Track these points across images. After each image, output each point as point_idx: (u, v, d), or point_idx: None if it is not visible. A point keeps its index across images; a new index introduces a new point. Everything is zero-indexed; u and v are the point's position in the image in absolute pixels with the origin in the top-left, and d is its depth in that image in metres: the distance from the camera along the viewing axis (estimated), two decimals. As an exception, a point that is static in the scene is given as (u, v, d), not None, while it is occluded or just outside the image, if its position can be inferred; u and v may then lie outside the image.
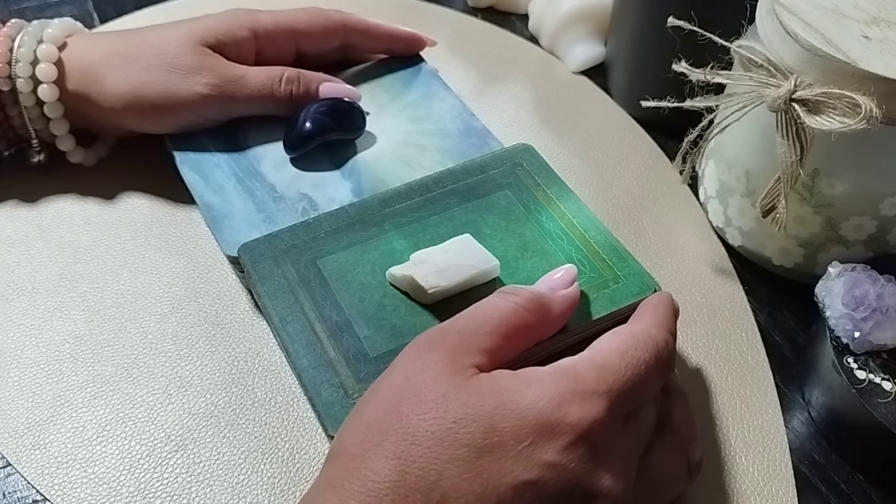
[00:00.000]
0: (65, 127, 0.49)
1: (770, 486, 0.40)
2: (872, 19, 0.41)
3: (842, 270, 0.42)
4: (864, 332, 0.40)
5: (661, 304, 0.39)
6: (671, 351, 0.36)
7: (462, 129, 0.51)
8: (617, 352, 0.34)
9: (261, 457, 0.40)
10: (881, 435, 0.38)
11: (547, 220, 0.44)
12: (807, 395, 0.44)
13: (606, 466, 0.32)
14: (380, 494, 0.30)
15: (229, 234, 0.45)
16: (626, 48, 0.57)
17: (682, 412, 0.38)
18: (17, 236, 0.49)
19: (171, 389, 0.43)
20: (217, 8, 0.52)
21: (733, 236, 0.49)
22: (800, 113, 0.39)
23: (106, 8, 0.65)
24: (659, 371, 0.35)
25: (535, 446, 0.31)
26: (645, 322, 0.37)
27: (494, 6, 0.67)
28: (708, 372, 0.44)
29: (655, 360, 0.35)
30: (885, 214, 0.44)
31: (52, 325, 0.45)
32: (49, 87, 0.47)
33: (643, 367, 0.34)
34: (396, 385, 0.32)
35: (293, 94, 0.50)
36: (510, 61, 0.62)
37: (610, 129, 0.57)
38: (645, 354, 0.34)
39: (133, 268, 0.48)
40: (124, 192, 0.51)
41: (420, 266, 0.40)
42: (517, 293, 0.36)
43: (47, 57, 0.47)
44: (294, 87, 0.50)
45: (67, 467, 0.40)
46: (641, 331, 0.36)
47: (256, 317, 0.46)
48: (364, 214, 0.44)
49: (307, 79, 0.50)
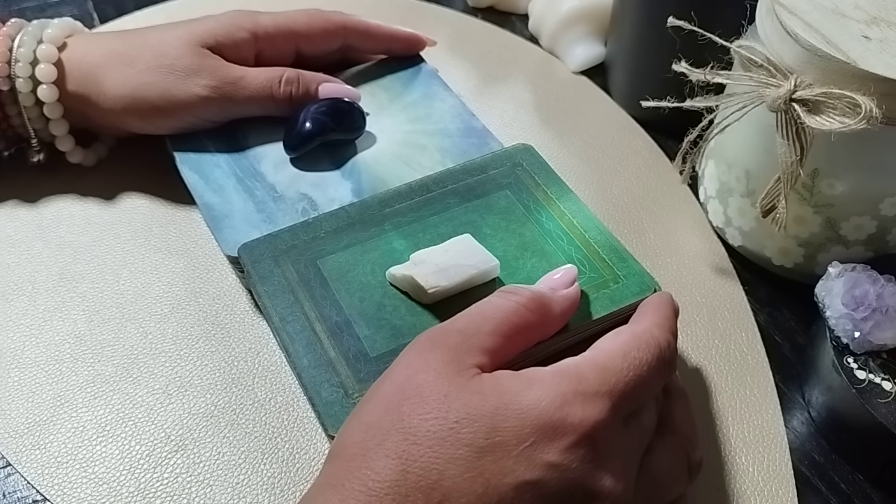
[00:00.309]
0: (64, 127, 0.49)
1: (770, 486, 0.40)
2: (872, 19, 0.41)
3: (842, 270, 0.42)
4: (864, 332, 0.40)
5: (662, 305, 0.39)
6: (673, 351, 0.36)
7: (462, 129, 0.51)
8: (619, 352, 0.34)
9: (261, 457, 0.40)
10: (881, 435, 0.38)
11: (547, 220, 0.44)
12: (807, 395, 0.44)
13: (607, 467, 0.32)
14: (380, 494, 0.30)
15: (229, 234, 0.45)
16: (626, 48, 0.57)
17: (682, 412, 0.38)
18: (17, 236, 0.49)
19: (171, 389, 0.43)
20: (217, 8, 0.52)
21: (733, 236, 0.49)
22: (800, 113, 0.39)
23: (106, 8, 0.65)
24: (661, 372, 0.35)
25: (536, 446, 0.31)
26: (647, 322, 0.37)
27: (494, 6, 0.67)
28: (708, 372, 0.44)
29: (657, 361, 0.35)
30: (885, 214, 0.44)
31: (52, 325, 0.45)
32: (48, 88, 0.47)
33: (645, 368, 0.34)
34: (398, 384, 0.32)
35: (293, 95, 0.50)
36: (510, 61, 0.62)
37: (610, 129, 0.57)
38: (647, 355, 0.34)
39: (133, 268, 0.48)
40: (124, 192, 0.51)
41: (420, 266, 0.40)
42: (518, 292, 0.36)
43: (47, 57, 0.47)
44: (293, 88, 0.50)
45: (67, 467, 0.40)
46: (643, 331, 0.36)
47: (256, 317, 0.46)
48: (364, 214, 0.44)
49: (306, 79, 0.50)
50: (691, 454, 0.37)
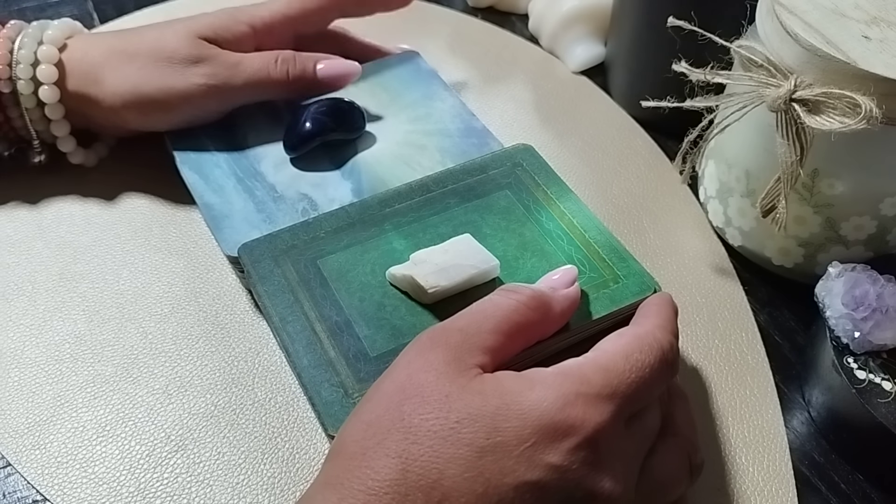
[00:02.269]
0: (66, 128, 0.49)
1: (770, 486, 0.40)
2: (872, 19, 0.41)
3: (842, 270, 0.42)
4: (864, 332, 0.40)
5: (663, 306, 0.39)
6: (675, 353, 0.36)
7: (462, 129, 0.51)
8: (622, 354, 0.34)
9: (261, 457, 0.40)
10: (881, 435, 0.38)
11: (547, 220, 0.44)
12: (807, 395, 0.44)
13: (608, 469, 0.32)
14: (380, 493, 0.30)
15: (229, 234, 0.45)
16: (626, 48, 0.57)
17: (683, 414, 0.38)
18: (17, 236, 0.49)
19: (171, 389, 0.43)
20: (216, 7, 0.52)
21: (733, 236, 0.49)
22: (800, 113, 0.39)
23: (106, 8, 0.65)
24: (663, 373, 0.35)
25: (537, 447, 0.31)
26: (649, 324, 0.37)
27: (494, 6, 0.67)
28: (708, 372, 0.44)
29: (660, 363, 0.35)
30: (885, 214, 0.44)
31: (52, 325, 0.45)
32: (50, 89, 0.47)
33: (648, 370, 0.34)
34: (399, 384, 0.32)
35: (289, 74, 0.50)
36: (510, 61, 0.62)
37: (610, 129, 0.57)
38: (650, 357, 0.34)
39: (133, 268, 0.48)
40: (124, 192, 0.51)
41: (420, 266, 0.40)
42: (519, 291, 0.36)
43: (48, 58, 0.47)
44: (290, 67, 0.50)
45: (67, 467, 0.40)
46: (646, 333, 0.36)
47: (256, 317, 0.46)
48: (364, 214, 0.44)
49: (302, 58, 0.50)
50: (692, 456, 0.37)
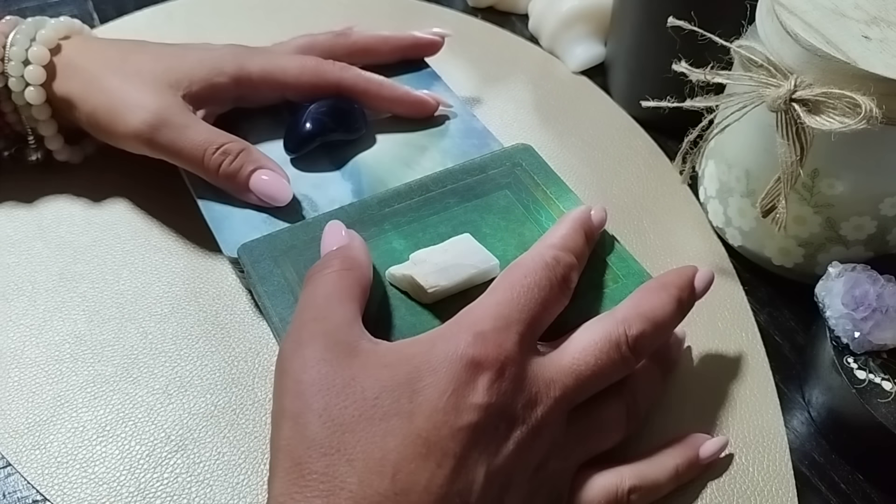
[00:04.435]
0: (52, 128, 0.49)
1: (770, 486, 0.40)
2: (872, 19, 0.41)
3: (842, 270, 0.42)
4: (864, 332, 0.40)
5: (563, 223, 0.40)
6: (564, 266, 0.37)
7: (462, 129, 0.51)
8: (506, 285, 0.36)
9: (261, 457, 0.40)
10: (881, 435, 0.38)
11: (546, 220, 0.44)
12: (807, 395, 0.44)
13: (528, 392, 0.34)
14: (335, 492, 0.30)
15: (229, 234, 0.45)
16: (626, 48, 0.57)
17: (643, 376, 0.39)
18: (17, 236, 0.49)
19: (171, 389, 0.43)
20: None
21: (733, 236, 0.49)
22: (800, 113, 0.39)
23: (106, 8, 0.65)
24: (553, 289, 0.36)
25: (457, 393, 0.32)
26: (535, 247, 0.38)
27: (494, 6, 0.67)
28: (708, 372, 0.44)
29: (547, 280, 0.36)
30: (885, 214, 0.44)
31: (52, 325, 0.45)
32: (35, 90, 0.47)
33: (536, 289, 0.35)
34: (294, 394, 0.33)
35: (220, 170, 0.46)
36: (510, 61, 0.62)
37: (610, 129, 0.57)
38: (533, 278, 0.36)
39: (133, 268, 0.48)
40: (124, 192, 0.51)
41: (420, 265, 0.40)
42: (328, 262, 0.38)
43: (37, 59, 0.47)
44: (226, 162, 0.46)
45: (67, 467, 0.40)
46: (528, 256, 0.37)
47: (256, 317, 0.46)
48: (364, 214, 0.44)
49: (250, 158, 0.46)
50: (630, 407, 0.38)
